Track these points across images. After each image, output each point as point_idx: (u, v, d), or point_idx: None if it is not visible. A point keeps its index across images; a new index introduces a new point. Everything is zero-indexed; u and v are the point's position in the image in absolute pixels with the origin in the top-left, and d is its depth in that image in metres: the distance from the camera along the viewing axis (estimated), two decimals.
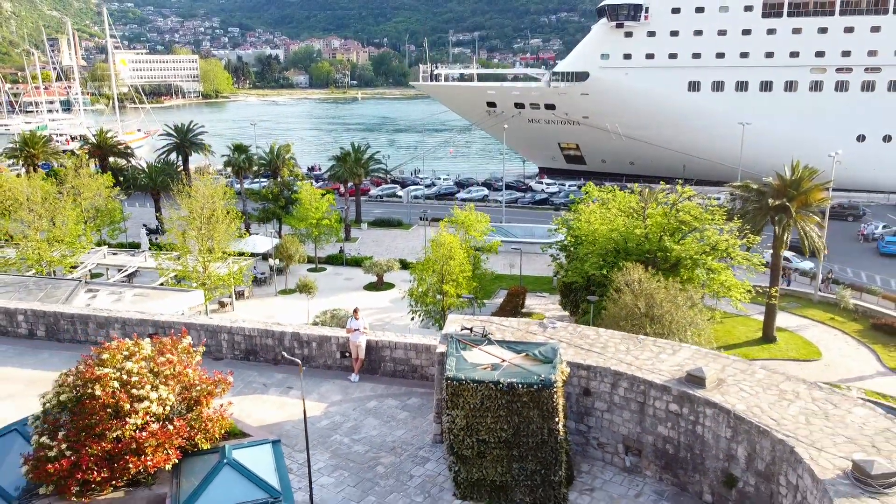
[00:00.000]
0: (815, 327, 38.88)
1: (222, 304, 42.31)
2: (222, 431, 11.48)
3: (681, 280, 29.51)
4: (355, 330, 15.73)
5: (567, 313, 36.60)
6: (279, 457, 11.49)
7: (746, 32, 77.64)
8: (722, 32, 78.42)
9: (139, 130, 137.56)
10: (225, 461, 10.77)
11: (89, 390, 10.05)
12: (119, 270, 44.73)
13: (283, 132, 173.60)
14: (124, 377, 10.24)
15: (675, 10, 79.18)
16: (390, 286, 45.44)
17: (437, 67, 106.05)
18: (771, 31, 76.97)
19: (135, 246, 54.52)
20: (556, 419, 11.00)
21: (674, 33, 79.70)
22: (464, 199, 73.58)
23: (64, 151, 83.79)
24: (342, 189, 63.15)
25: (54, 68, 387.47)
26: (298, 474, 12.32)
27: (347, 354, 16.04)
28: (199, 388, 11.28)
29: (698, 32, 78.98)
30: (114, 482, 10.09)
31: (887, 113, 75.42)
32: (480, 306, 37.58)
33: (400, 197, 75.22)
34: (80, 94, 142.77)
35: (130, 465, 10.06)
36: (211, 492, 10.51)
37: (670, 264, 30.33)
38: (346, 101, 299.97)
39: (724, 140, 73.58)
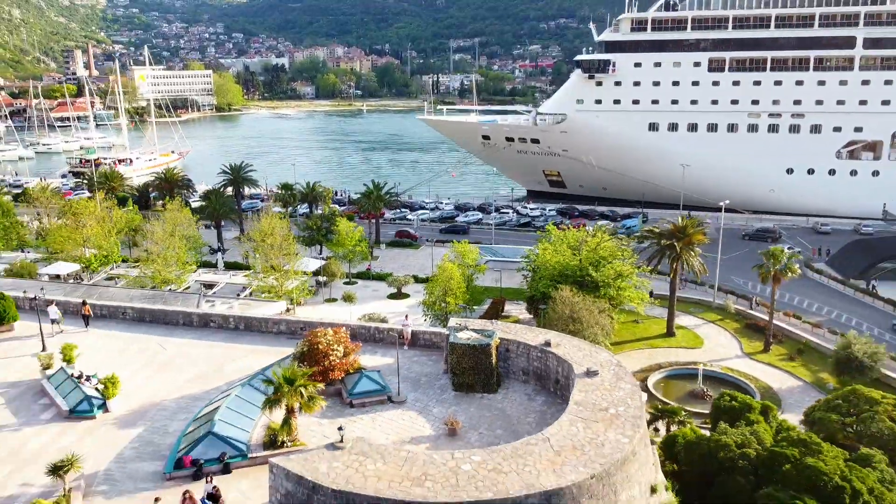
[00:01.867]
0: (706, 326, 55.85)
1: (288, 310, 59.18)
2: (357, 366, 28.46)
3: (600, 295, 46.46)
4: (406, 325, 32.68)
5: (531, 316, 53.46)
6: (381, 377, 28.43)
7: (695, 84, 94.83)
8: (675, 83, 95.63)
9: (173, 152, 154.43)
10: (362, 375, 27.81)
11: (316, 345, 27.05)
12: (206, 286, 61.58)
13: (297, 150, 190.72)
14: (328, 339, 27.27)
15: (637, 65, 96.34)
16: (406, 296, 62.34)
17: (440, 107, 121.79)
18: (715, 83, 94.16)
19: (208, 265, 71.20)
20: (492, 359, 27.78)
21: (636, 83, 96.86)
22: (463, 221, 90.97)
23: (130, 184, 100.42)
24: (360, 213, 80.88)
25: (71, 80, 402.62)
26: (390, 388, 29.18)
27: (402, 336, 32.74)
28: (349, 348, 28.29)
29: (656, 83, 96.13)
30: (323, 382, 27.05)
31: (810, 151, 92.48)
32: (471, 311, 54.49)
33: (410, 220, 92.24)
34: (121, 110, 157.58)
35: (331, 375, 27.08)
36: (358, 386, 27.47)
37: (593, 285, 47.25)
38: (351, 115, 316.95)
39: (678, 171, 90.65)
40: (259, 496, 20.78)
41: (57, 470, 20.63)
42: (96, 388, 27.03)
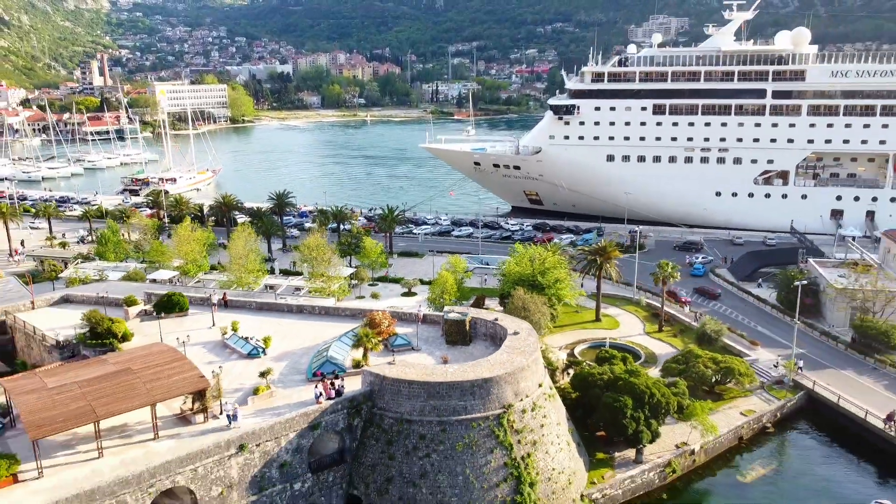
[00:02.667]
0: (625, 314, 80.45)
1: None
2: (393, 332, 53.24)
3: (546, 293, 71.01)
4: (419, 311, 57.42)
5: (501, 308, 78.04)
6: (406, 337, 53.12)
7: (643, 124, 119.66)
8: (627, 123, 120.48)
9: (208, 170, 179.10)
10: (397, 336, 52.57)
11: (374, 319, 51.79)
12: (270, 287, 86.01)
13: (310, 164, 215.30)
14: (380, 316, 52.07)
15: (597, 108, 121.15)
16: (415, 294, 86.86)
17: (439, 136, 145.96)
18: (658, 124, 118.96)
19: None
20: (466, 328, 52.20)
21: (596, 123, 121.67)
22: (457, 236, 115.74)
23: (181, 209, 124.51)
24: (375, 227, 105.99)
25: (87, 89, 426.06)
26: (413, 343, 53.89)
27: (417, 317, 57.27)
28: (390, 322, 53.10)
29: (612, 123, 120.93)
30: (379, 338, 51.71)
31: (733, 178, 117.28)
32: (462, 304, 79.06)
33: (416, 234, 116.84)
34: (165, 138, 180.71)
35: (382, 335, 51.82)
36: (396, 341, 52.23)
37: (541, 287, 71.86)
38: (356, 126, 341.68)
39: (642, 193, 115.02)
40: (351, 387, 45.42)
41: (264, 374, 45.48)
42: (257, 344, 51.80)
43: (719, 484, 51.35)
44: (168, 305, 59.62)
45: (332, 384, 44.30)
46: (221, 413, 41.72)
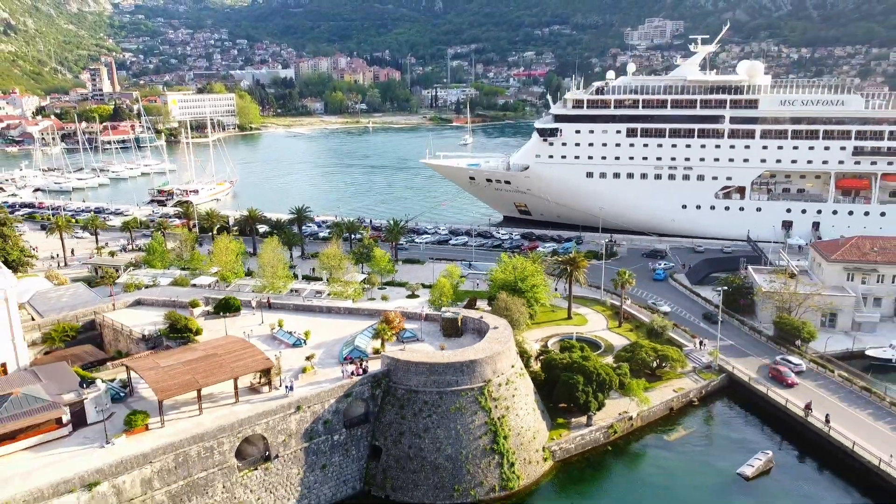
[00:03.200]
0: (592, 313, 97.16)
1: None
2: (403, 327, 70.01)
3: (524, 296, 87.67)
4: (422, 311, 74.11)
5: (489, 308, 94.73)
6: (413, 331, 69.87)
7: (617, 145, 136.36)
8: (604, 144, 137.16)
9: (226, 181, 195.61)
10: (406, 330, 69.50)
11: (388, 317, 68.58)
12: (293, 292, 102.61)
13: (316, 172, 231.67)
14: (393, 315, 68.85)
15: (577, 131, 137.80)
16: (417, 296, 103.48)
17: (438, 155, 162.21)
18: (631, 145, 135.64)
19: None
20: (458, 323, 68.82)
21: (577, 144, 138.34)
22: (453, 244, 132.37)
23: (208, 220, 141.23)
24: (382, 237, 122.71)
25: (97, 95, 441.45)
26: (418, 335, 70.64)
27: (420, 316, 73.91)
28: (400, 319, 69.88)
29: (591, 144, 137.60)
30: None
31: (697, 193, 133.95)
32: (457, 305, 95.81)
33: (417, 243, 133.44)
34: (189, 159, 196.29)
35: (394, 329, 68.60)
36: (405, 334, 69.00)
37: (520, 290, 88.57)
38: (359, 133, 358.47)
39: (607, 206, 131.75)
40: (373, 367, 62.06)
41: (309, 358, 62.33)
42: (300, 336, 68.51)
43: (650, 441, 68.13)
44: (225, 307, 76.39)
45: (362, 365, 61.11)
46: (281, 385, 58.48)
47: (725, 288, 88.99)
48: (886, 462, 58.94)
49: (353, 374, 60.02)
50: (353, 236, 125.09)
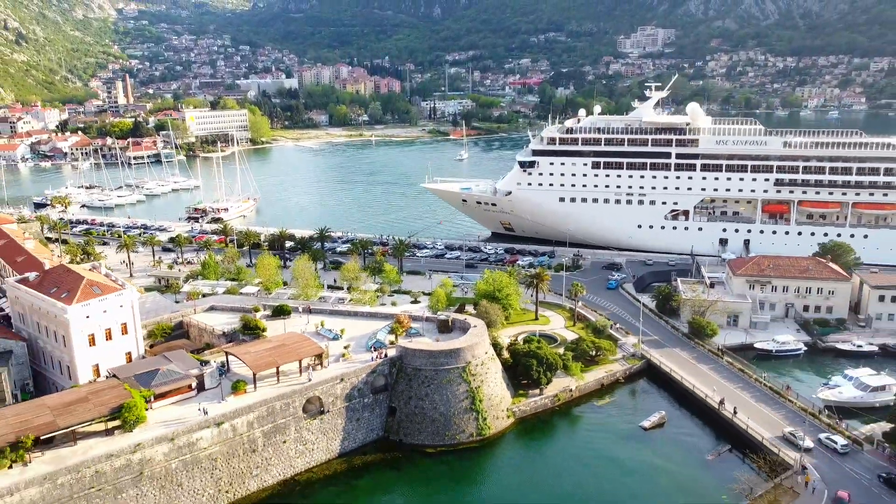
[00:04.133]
0: (555, 315, 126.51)
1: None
2: (409, 326, 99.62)
3: (501, 303, 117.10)
4: (424, 314, 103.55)
5: (475, 312, 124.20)
6: (417, 329, 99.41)
7: (584, 175, 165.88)
8: (573, 174, 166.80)
9: (250, 199, 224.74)
10: (412, 328, 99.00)
11: (399, 318, 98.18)
12: (321, 299, 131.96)
13: (325, 187, 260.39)
14: (404, 317, 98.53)
15: (551, 163, 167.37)
16: (419, 302, 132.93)
17: (436, 180, 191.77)
18: (596, 175, 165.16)
19: None
20: (450, 323, 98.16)
21: (551, 174, 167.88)
22: (448, 258, 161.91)
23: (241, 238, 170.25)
24: (390, 252, 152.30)
25: (113, 107, 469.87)
26: (420, 331, 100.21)
27: (423, 318, 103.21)
28: (408, 320, 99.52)
29: (563, 174, 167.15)
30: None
31: (650, 215, 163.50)
32: (449, 309, 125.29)
33: (419, 256, 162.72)
34: (220, 183, 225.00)
35: (403, 328, 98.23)
36: (412, 331, 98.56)
37: (497, 298, 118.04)
38: (362, 145, 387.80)
39: (576, 225, 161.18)
40: (390, 354, 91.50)
41: (346, 347, 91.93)
42: (337, 333, 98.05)
43: (584, 406, 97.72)
44: (280, 311, 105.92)
45: (383, 352, 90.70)
46: (329, 365, 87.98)
47: (663, 294, 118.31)
48: (740, 419, 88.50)
49: (376, 358, 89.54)
50: (365, 252, 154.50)
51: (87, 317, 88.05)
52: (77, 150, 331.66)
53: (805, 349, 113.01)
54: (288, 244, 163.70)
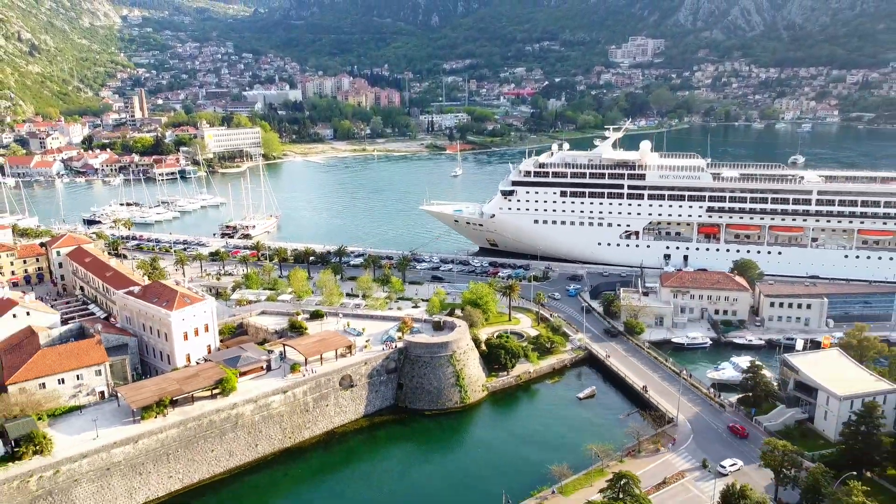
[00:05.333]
0: (525, 317, 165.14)
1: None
2: (412, 325, 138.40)
3: (481, 308, 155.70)
4: (424, 317, 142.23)
5: (461, 314, 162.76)
6: (418, 328, 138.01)
7: (555, 202, 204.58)
8: (545, 201, 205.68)
9: (272, 216, 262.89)
10: (414, 327, 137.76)
11: (404, 319, 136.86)
12: (342, 305, 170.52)
13: (333, 202, 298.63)
14: (409, 319, 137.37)
15: (527, 192, 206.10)
16: (419, 307, 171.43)
17: (433, 203, 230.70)
18: (564, 202, 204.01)
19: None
20: (441, 324, 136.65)
21: (527, 201, 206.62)
22: (443, 270, 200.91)
23: (270, 254, 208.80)
24: (394, 265, 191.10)
25: (131, 122, 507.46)
26: (421, 330, 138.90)
27: (422, 320, 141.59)
28: (411, 320, 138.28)
29: (537, 201, 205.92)
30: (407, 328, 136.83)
31: (608, 234, 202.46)
32: (442, 313, 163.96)
33: (418, 269, 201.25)
34: (248, 207, 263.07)
35: (407, 327, 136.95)
36: (414, 330, 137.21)
37: (478, 305, 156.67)
38: (365, 160, 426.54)
39: (548, 243, 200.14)
40: (399, 345, 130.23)
41: (367, 341, 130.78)
42: (360, 331, 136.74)
43: (539, 384, 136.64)
44: (316, 315, 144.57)
45: (393, 344, 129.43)
46: (355, 353, 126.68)
47: (608, 301, 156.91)
48: (644, 385, 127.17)
49: (388, 349, 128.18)
50: (375, 265, 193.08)
51: (183, 319, 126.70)
52: (107, 166, 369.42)
53: (711, 343, 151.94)
54: (311, 258, 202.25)
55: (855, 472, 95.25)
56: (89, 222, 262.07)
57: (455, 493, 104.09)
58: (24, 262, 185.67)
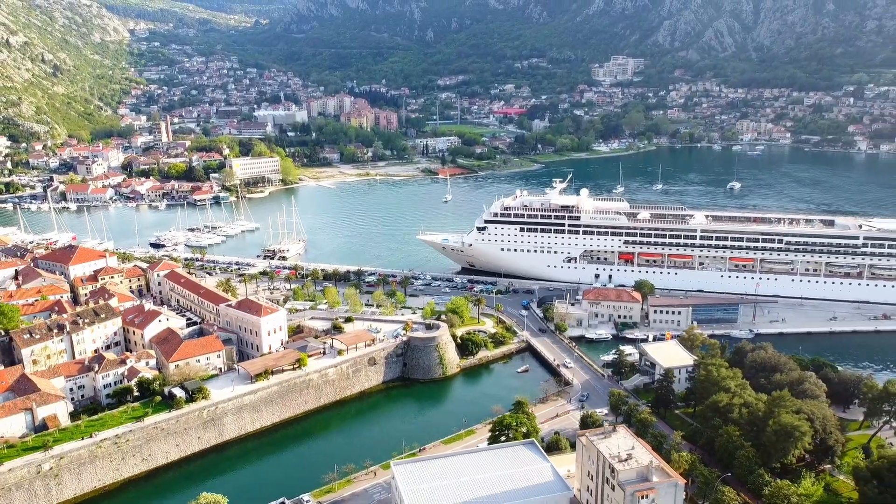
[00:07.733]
0: (490, 321, 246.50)
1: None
2: (412, 327, 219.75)
3: (458, 315, 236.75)
4: (424, 321, 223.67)
5: (445, 318, 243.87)
6: (417, 328, 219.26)
7: (517, 235, 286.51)
8: (509, 235, 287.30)
9: (300, 240, 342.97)
10: (414, 327, 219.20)
11: (406, 322, 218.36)
12: (363, 313, 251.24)
13: (342, 224, 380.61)
14: (410, 322, 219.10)
15: (496, 228, 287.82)
16: (416, 313, 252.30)
17: (427, 232, 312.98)
18: (522, 235, 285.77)
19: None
20: (431, 325, 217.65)
21: (496, 234, 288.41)
22: (434, 286, 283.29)
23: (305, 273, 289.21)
24: (397, 282, 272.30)
25: (159, 146, 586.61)
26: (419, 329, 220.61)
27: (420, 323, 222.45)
28: (412, 322, 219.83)
29: (502, 235, 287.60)
30: (408, 329, 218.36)
31: (558, 258, 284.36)
32: (434, 318, 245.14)
33: (415, 285, 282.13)
34: (283, 233, 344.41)
35: (409, 327, 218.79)
36: (413, 329, 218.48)
37: (457, 312, 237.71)
38: (368, 184, 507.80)
39: (514, 265, 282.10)
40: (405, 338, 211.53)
41: (374, 339, 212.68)
42: (378, 329, 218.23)
43: (495, 365, 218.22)
44: (348, 319, 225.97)
45: (401, 337, 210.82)
46: (377, 343, 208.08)
47: (546, 308, 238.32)
48: (559, 363, 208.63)
49: (397, 341, 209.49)
50: (384, 283, 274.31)
51: (267, 322, 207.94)
52: (152, 192, 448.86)
53: (611, 338, 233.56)
54: (337, 277, 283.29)
55: (658, 409, 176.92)
56: (154, 245, 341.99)
57: (438, 423, 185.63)
58: (130, 280, 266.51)
